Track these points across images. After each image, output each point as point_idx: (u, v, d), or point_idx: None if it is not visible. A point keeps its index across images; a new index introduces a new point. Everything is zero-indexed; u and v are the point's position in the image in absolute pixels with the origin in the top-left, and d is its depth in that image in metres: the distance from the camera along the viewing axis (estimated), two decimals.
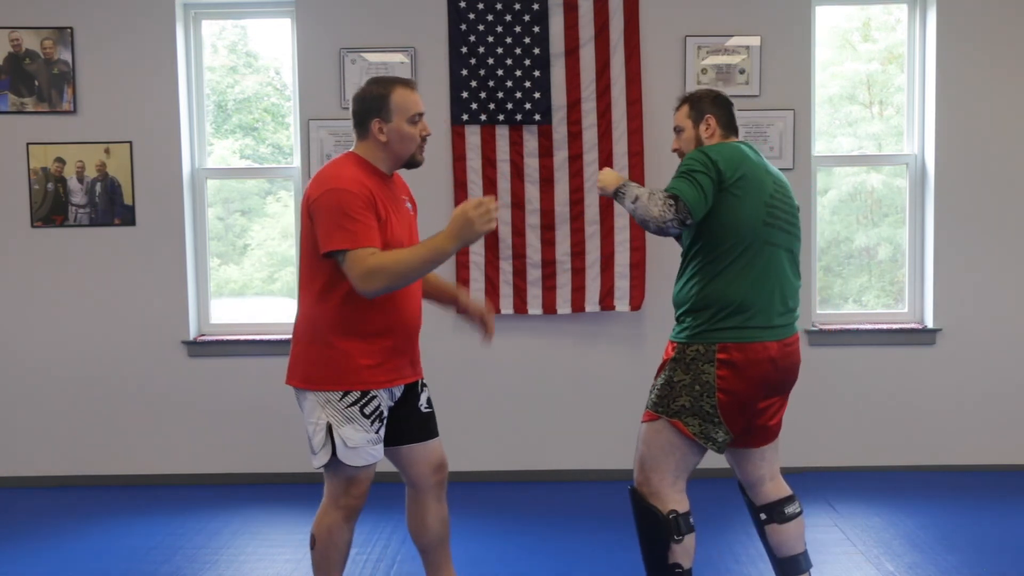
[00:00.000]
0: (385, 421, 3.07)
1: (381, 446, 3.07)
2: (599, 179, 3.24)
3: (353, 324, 2.98)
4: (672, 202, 2.98)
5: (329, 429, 2.99)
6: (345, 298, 2.97)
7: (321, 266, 2.99)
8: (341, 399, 2.99)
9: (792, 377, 3.21)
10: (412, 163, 3.10)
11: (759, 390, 3.09)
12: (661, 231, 3.03)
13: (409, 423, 3.16)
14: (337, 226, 2.89)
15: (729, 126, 3.24)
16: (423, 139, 3.08)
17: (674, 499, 3.11)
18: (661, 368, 3.19)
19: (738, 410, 3.07)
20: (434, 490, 3.21)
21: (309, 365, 3.03)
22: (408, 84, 3.07)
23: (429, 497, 3.21)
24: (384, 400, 3.05)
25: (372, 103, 3.03)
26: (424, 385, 3.23)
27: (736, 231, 3.03)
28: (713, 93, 3.27)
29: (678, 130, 3.28)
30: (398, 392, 3.11)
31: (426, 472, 3.19)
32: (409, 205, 3.18)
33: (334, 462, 3.01)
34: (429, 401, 3.23)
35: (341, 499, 3.06)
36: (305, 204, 3.00)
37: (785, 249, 3.13)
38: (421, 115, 3.07)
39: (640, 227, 5.08)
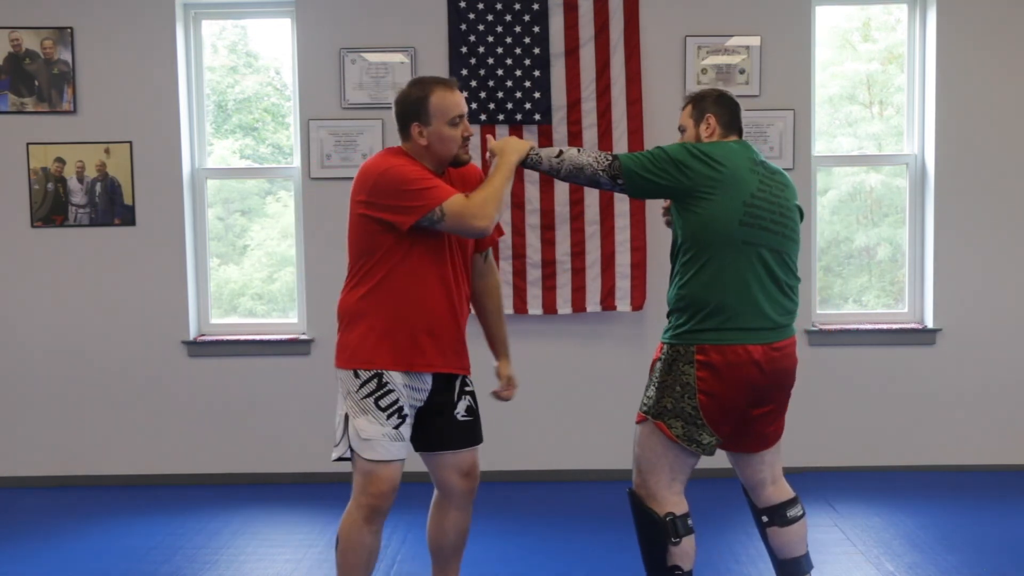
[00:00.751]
0: (406, 419, 3.03)
1: (401, 445, 3.03)
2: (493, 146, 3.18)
3: (374, 309, 2.99)
4: (610, 158, 3.03)
5: (346, 420, 3.00)
6: (368, 284, 2.99)
7: (355, 256, 3.02)
8: (358, 390, 2.99)
9: (785, 382, 3.15)
10: (457, 162, 3.06)
11: (742, 393, 3.04)
12: (594, 181, 3.07)
13: (440, 429, 3.12)
14: (412, 195, 2.89)
15: (730, 125, 3.20)
16: (465, 139, 3.04)
17: (671, 501, 3.09)
18: (651, 369, 3.18)
19: (721, 413, 3.04)
20: (459, 498, 3.17)
21: (338, 347, 3.07)
22: (448, 85, 3.01)
23: (452, 504, 3.18)
24: (403, 396, 3.01)
25: (410, 107, 2.99)
26: (466, 392, 3.18)
27: (710, 230, 3.00)
28: (717, 92, 3.25)
29: (681, 129, 3.27)
30: (423, 393, 3.07)
31: (454, 478, 3.15)
32: None
33: (353, 457, 3.02)
34: (469, 409, 3.17)
35: (361, 497, 3.02)
36: (353, 199, 3.01)
37: (770, 249, 3.05)
38: (462, 116, 3.00)
39: (638, 227, 5.19)
